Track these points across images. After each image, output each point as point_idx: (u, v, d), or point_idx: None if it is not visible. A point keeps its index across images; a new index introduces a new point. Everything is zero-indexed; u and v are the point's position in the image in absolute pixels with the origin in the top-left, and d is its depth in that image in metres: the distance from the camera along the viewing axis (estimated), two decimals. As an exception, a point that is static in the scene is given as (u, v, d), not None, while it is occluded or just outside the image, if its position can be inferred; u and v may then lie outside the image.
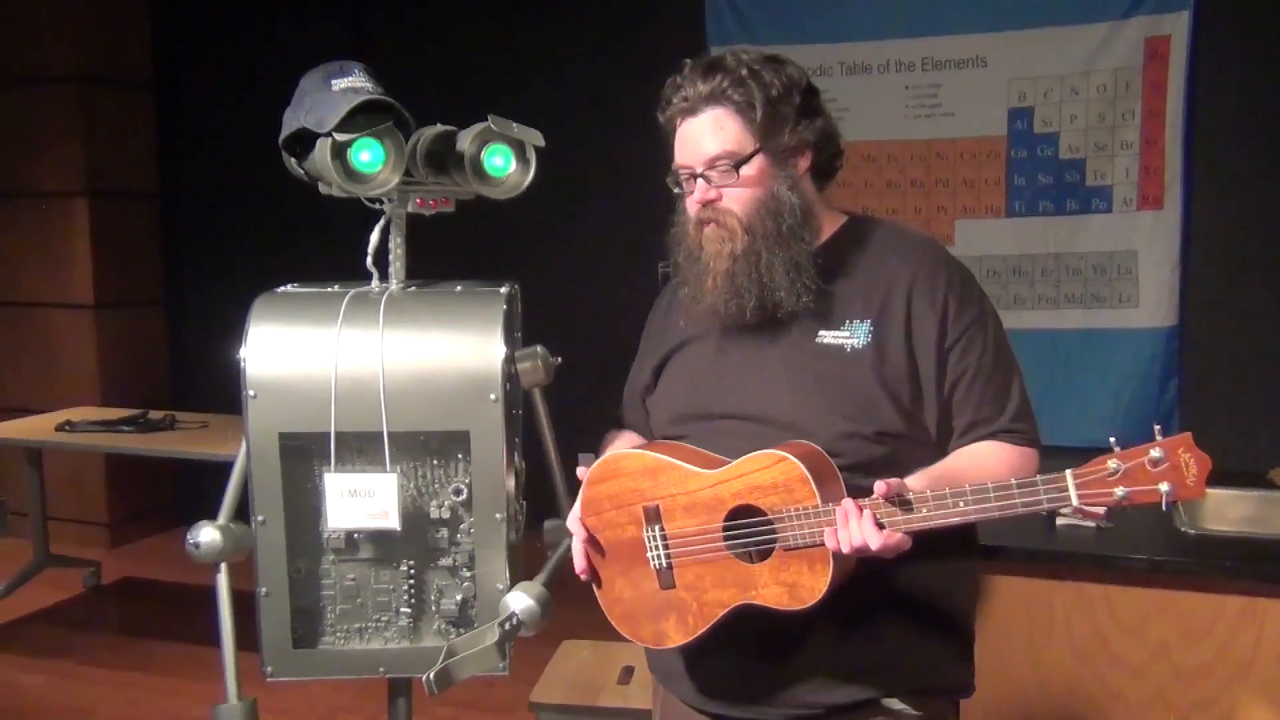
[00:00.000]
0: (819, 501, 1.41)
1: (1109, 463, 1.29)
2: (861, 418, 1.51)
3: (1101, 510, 2.42)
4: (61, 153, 5.26)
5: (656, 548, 1.54)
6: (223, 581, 1.72)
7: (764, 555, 1.46)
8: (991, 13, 4.35)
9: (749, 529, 1.47)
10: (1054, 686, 2.33)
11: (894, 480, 1.39)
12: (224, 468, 1.76)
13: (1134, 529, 2.44)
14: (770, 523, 1.44)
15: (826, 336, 1.55)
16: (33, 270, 5.40)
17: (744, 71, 1.55)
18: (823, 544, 1.40)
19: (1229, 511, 2.63)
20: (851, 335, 1.54)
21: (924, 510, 1.37)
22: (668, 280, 1.70)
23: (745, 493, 1.47)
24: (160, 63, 5.57)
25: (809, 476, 1.41)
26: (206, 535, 1.68)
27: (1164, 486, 1.28)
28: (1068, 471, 1.31)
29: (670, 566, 1.54)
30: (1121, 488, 1.29)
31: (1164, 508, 1.30)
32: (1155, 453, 1.28)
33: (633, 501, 1.56)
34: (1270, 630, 2.19)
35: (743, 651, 1.55)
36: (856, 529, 1.36)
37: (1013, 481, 1.33)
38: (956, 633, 1.64)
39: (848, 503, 1.38)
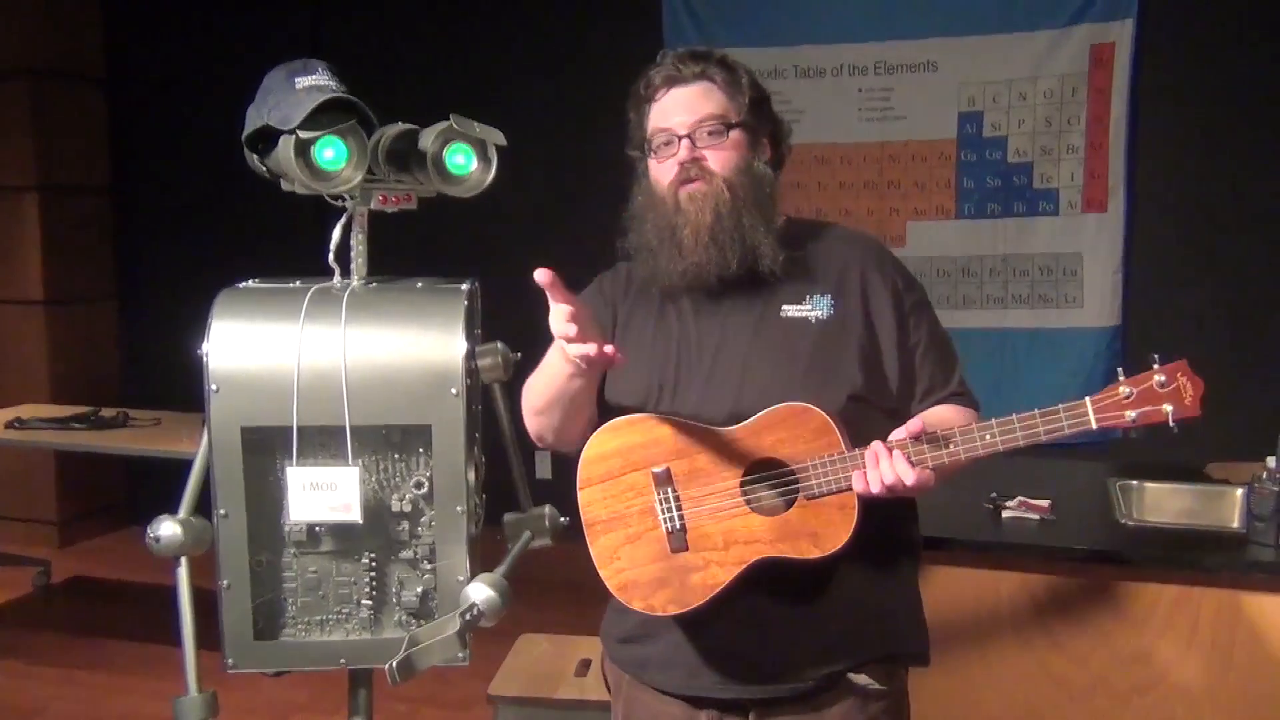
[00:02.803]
0: (845, 448, 1.48)
1: (1121, 389, 1.43)
2: (834, 382, 1.59)
3: (1045, 504, 2.50)
4: (11, 147, 5.19)
5: (670, 510, 1.57)
6: (183, 575, 1.72)
7: (784, 508, 1.51)
8: (942, 18, 4.44)
9: (770, 482, 1.52)
10: (1000, 672, 2.40)
11: (916, 422, 1.49)
12: (177, 465, 1.77)
13: (1076, 521, 2.51)
14: (793, 473, 1.50)
15: (790, 310, 1.64)
16: (-19, 266, 5.32)
17: (728, 61, 1.69)
18: (848, 489, 1.47)
19: (1167, 504, 2.71)
20: (814, 308, 1.64)
21: (952, 445, 1.47)
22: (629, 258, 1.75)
23: (768, 446, 1.52)
24: (112, 57, 5.50)
25: (834, 424, 1.49)
26: (167, 529, 1.69)
27: (1168, 407, 1.42)
28: (1086, 399, 1.44)
29: (684, 528, 1.57)
30: (1132, 410, 1.42)
31: (1170, 424, 1.43)
32: (1159, 377, 1.43)
33: (636, 468, 1.59)
34: (1205, 617, 2.27)
35: (726, 633, 1.59)
36: (889, 468, 1.45)
37: (1035, 411, 1.45)
38: (911, 598, 1.75)
39: (877, 444, 1.47)
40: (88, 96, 5.45)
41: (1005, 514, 2.49)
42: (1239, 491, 2.64)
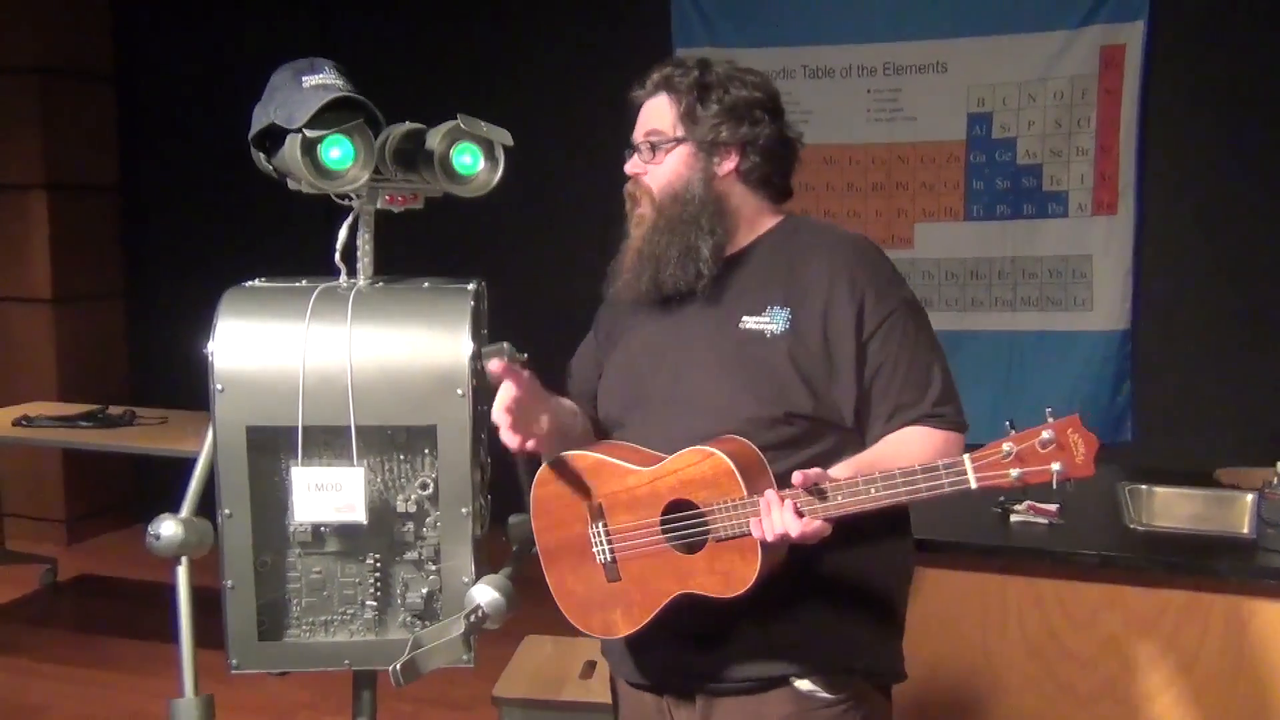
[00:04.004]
0: (745, 494, 1.47)
1: (1003, 446, 1.35)
2: (772, 400, 1.59)
3: (1054, 509, 2.48)
4: (20, 145, 5.19)
5: (601, 543, 1.61)
6: (182, 575, 1.72)
7: (700, 546, 1.52)
8: (952, 19, 4.42)
9: (684, 522, 1.53)
10: (1007, 678, 2.38)
11: (814, 470, 1.45)
12: (184, 464, 1.76)
13: (1085, 525, 2.50)
14: (703, 515, 1.51)
15: (749, 322, 1.63)
16: (-11, 263, 5.33)
17: (696, 70, 1.66)
18: (750, 534, 1.47)
19: (1177, 509, 2.69)
20: (771, 321, 1.62)
21: (839, 497, 1.43)
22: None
23: (679, 487, 1.53)
24: (122, 55, 5.51)
25: (735, 470, 1.48)
26: (167, 528, 1.69)
27: (1055, 466, 1.33)
28: (965, 456, 1.38)
29: (615, 561, 1.61)
30: (1015, 469, 1.34)
31: (1054, 486, 1.34)
32: (1045, 434, 1.33)
33: (578, 500, 1.63)
34: (1215, 624, 2.25)
35: (675, 635, 1.61)
36: (778, 517, 1.43)
37: (917, 467, 1.40)
38: (882, 616, 1.69)
39: (770, 493, 1.45)
40: (96, 95, 5.46)
41: (1013, 518, 2.48)
42: (1249, 497, 2.62)
